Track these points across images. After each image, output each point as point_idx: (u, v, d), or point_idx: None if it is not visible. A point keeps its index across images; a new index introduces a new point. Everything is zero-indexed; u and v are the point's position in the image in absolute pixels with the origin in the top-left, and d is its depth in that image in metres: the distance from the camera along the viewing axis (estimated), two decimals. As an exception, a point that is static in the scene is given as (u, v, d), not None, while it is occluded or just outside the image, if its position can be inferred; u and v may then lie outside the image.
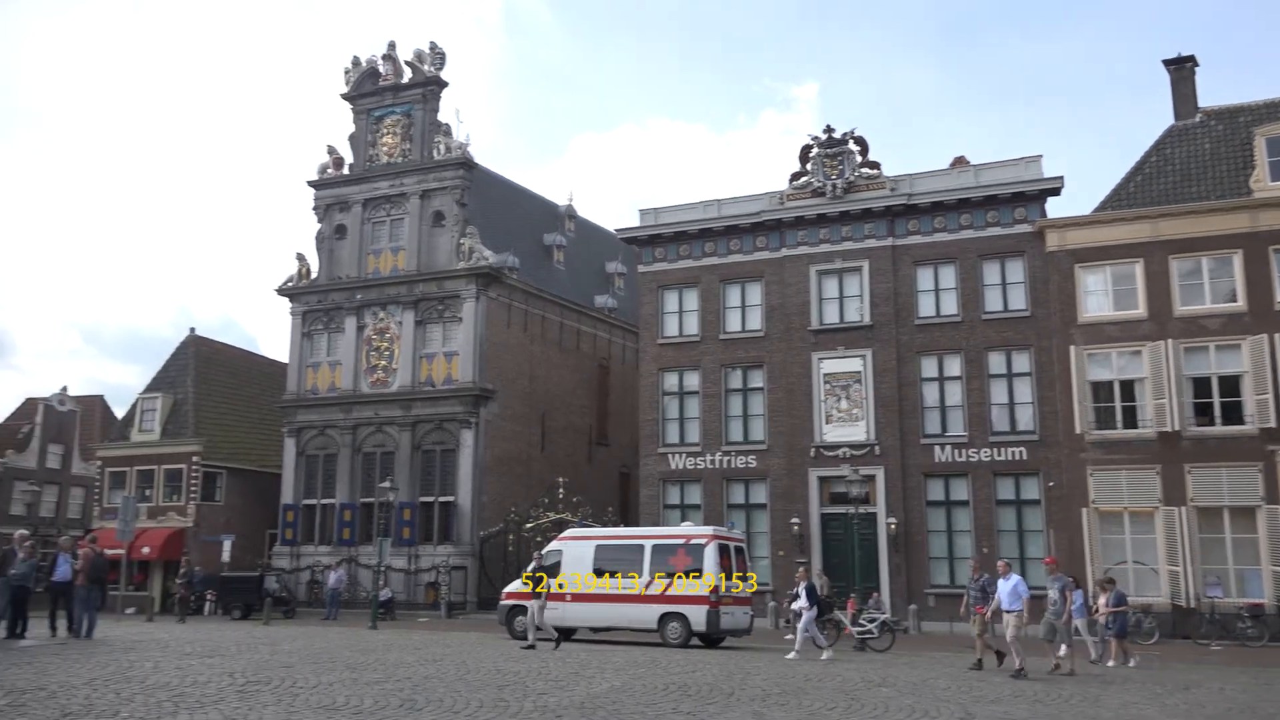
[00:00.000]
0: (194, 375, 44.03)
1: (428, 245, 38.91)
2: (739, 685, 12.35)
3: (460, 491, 36.42)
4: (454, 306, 37.87)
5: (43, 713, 8.53)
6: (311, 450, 39.40)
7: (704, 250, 32.50)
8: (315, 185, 41.30)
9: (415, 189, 39.38)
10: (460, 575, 35.14)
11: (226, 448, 42.74)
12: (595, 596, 21.35)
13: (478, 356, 37.13)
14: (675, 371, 32.43)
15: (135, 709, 8.85)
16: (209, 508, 41.33)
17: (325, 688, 10.77)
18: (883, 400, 29.48)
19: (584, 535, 23.72)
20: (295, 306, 40.70)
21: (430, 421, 37.37)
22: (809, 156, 31.65)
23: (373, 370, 38.89)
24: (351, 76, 41.52)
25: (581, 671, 13.49)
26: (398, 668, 13.25)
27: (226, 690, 10.31)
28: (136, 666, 12.45)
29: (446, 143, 39.37)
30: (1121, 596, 18.65)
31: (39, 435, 50.97)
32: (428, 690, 10.79)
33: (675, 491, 31.86)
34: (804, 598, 18.68)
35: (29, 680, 10.71)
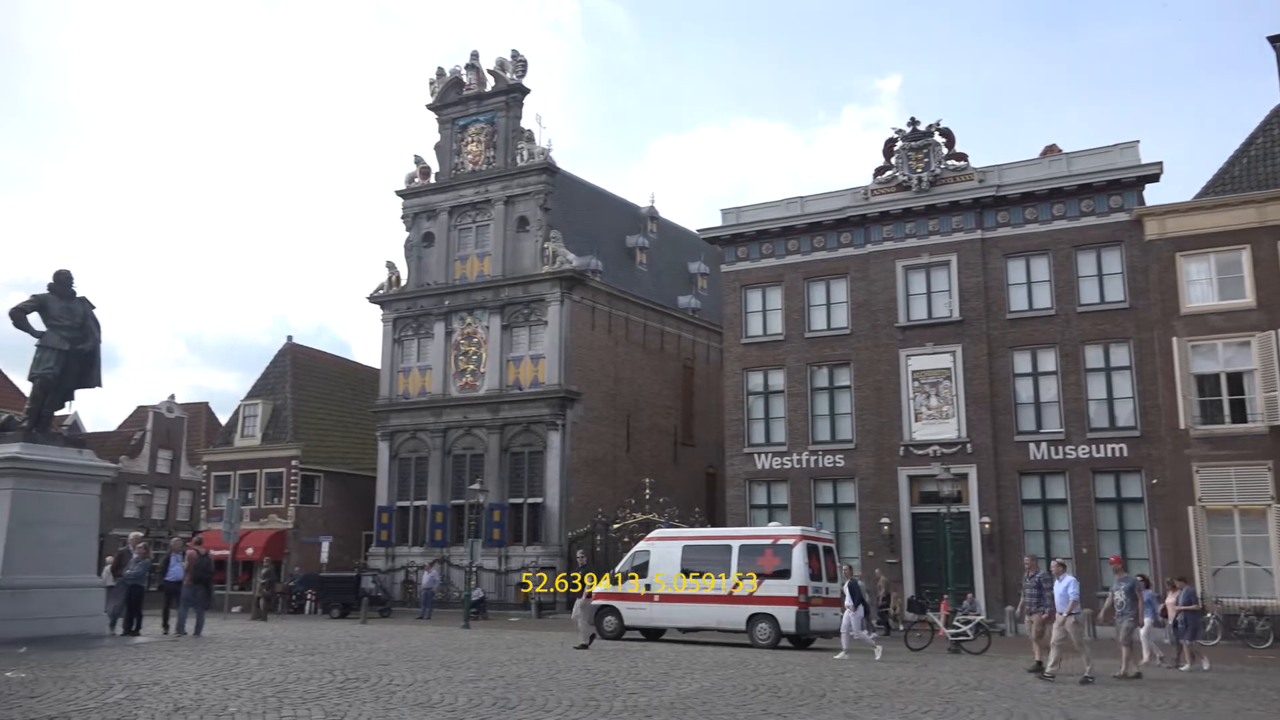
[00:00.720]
0: (292, 382, 45.51)
1: (512, 250, 39.48)
2: (830, 687, 12.23)
3: (548, 493, 36.84)
4: (539, 310, 38.34)
5: (157, 706, 8.93)
6: (404, 453, 40.34)
7: (787, 248, 32.25)
8: (403, 195, 42.29)
9: (500, 195, 40.00)
10: (550, 575, 35.52)
11: (324, 452, 44.05)
12: (683, 597, 21.38)
13: (563, 359, 37.51)
14: (760, 371, 32.25)
15: (243, 704, 9.19)
16: (308, 510, 42.67)
17: (421, 685, 11.02)
18: (974, 397, 28.82)
19: (671, 536, 23.77)
20: (386, 313, 41.73)
21: (518, 424, 37.90)
22: (893, 150, 31.15)
23: (461, 374, 39.62)
24: (436, 87, 42.38)
25: (671, 672, 13.52)
26: (490, 666, 13.48)
27: (327, 687, 10.63)
28: (243, 663, 12.93)
29: (529, 149, 39.89)
30: (1191, 595, 17.86)
31: (149, 441, 53.28)
32: (520, 689, 10.96)
33: (762, 492, 31.69)
34: (847, 597, 18.33)
35: (144, 675, 11.22)
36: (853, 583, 18.70)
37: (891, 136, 31.28)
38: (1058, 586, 15.12)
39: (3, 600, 15.17)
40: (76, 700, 9.25)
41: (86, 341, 17.39)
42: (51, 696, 9.47)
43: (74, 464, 16.92)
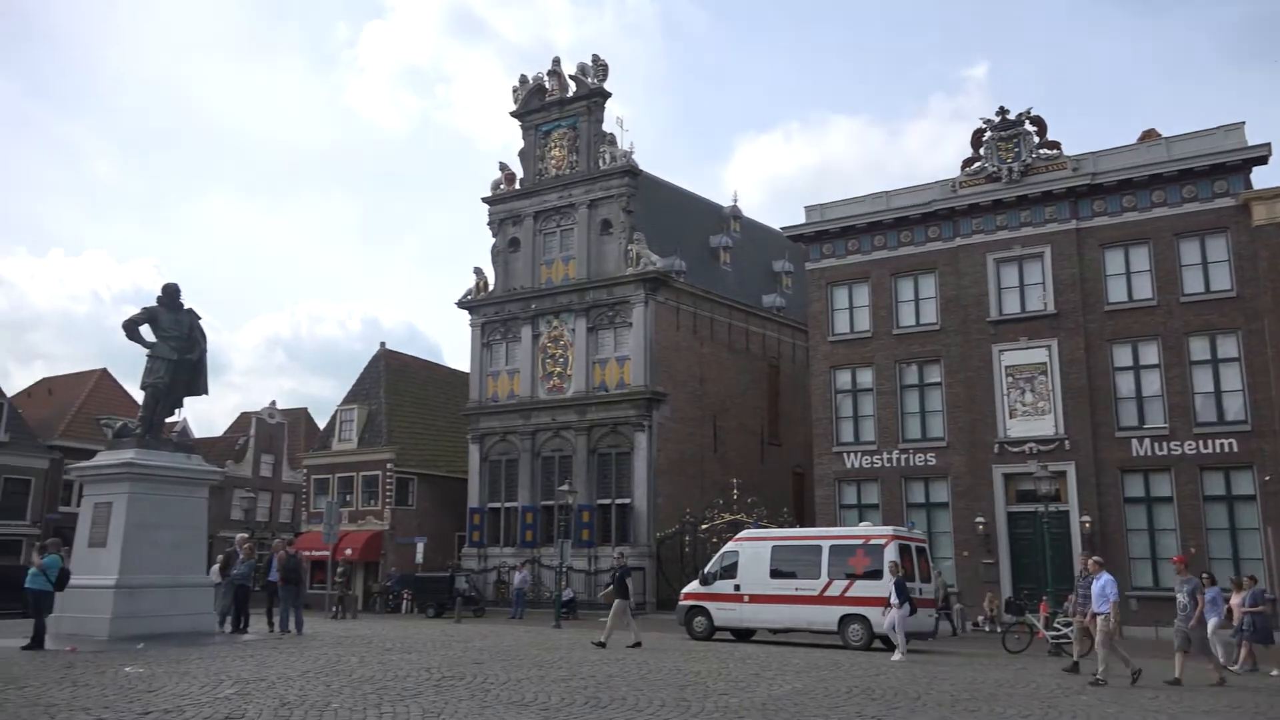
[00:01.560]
0: (385, 387, 46.69)
1: (597, 253, 39.79)
2: (925, 690, 12.02)
3: (636, 494, 37.02)
4: (624, 312, 38.56)
5: (264, 702, 9.29)
6: (494, 455, 41.01)
7: (873, 244, 31.78)
8: (489, 201, 43.02)
9: (583, 199, 40.36)
10: (639, 576, 35.68)
11: (417, 454, 45.08)
12: (773, 597, 21.26)
13: (648, 360, 37.65)
14: (847, 369, 31.84)
15: (344, 700, 9.49)
16: (403, 511, 43.72)
17: (514, 684, 11.21)
18: (1071, 392, 27.95)
19: (760, 536, 23.65)
20: (474, 318, 42.50)
21: (605, 425, 38.18)
22: (982, 140, 30.42)
23: (549, 377, 40.09)
24: (520, 94, 42.99)
25: (762, 673, 13.47)
26: (581, 666, 13.63)
27: (424, 684, 10.90)
28: (343, 660, 13.34)
29: (611, 152, 40.17)
30: (1260, 595, 16.90)
31: (253, 446, 55.30)
32: (611, 689, 11.06)
33: (851, 491, 31.28)
34: (894, 594, 17.83)
35: (251, 672, 11.68)
36: (899, 581, 18.18)
37: (980, 127, 30.55)
38: (1095, 585, 14.46)
39: (121, 599, 15.95)
40: (190, 695, 9.68)
41: (193, 351, 18.18)
42: (167, 691, 9.93)
43: (184, 468, 17.70)
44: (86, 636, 15.41)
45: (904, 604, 17.48)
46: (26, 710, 8.55)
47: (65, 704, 8.98)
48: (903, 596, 17.59)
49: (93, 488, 17.36)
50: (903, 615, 17.38)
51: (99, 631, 15.58)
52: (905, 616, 17.44)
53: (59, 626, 15.54)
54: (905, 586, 17.97)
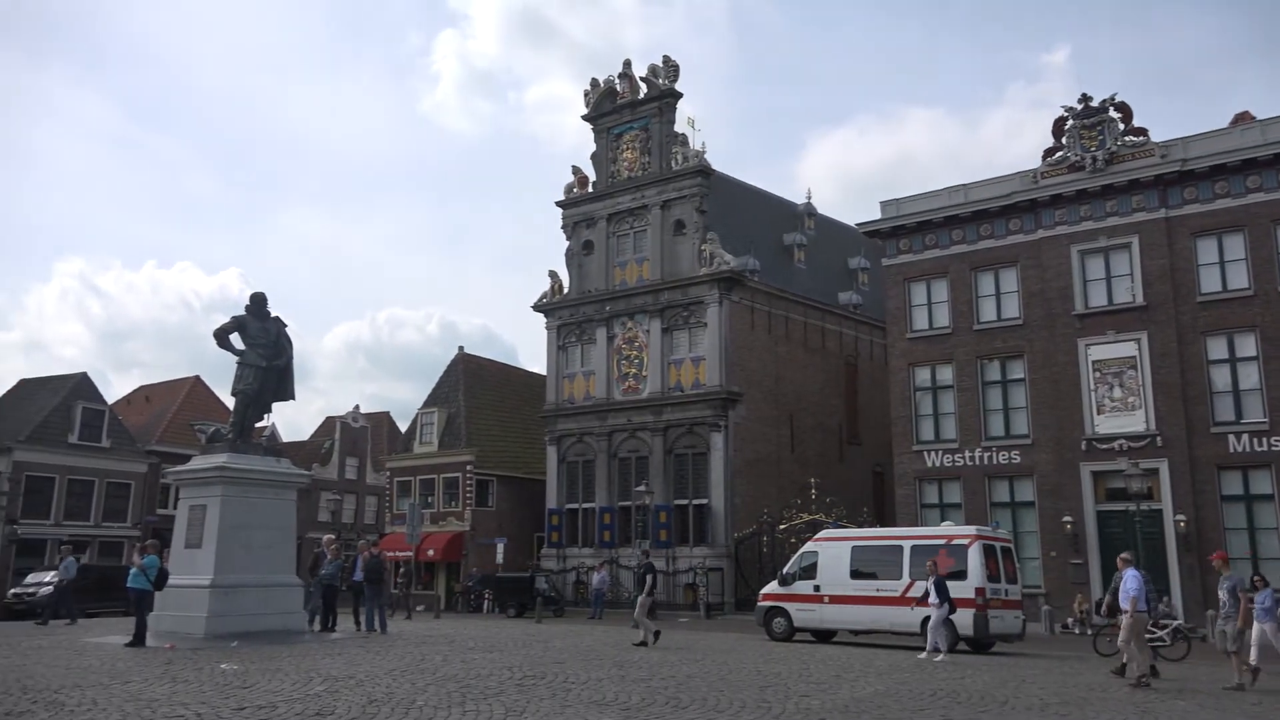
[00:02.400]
0: (464, 390, 47.44)
1: (670, 254, 39.82)
2: (1013, 694, 11.74)
3: (713, 494, 36.93)
4: (698, 312, 38.51)
5: (353, 699, 9.52)
6: (571, 457, 41.33)
7: (951, 238, 31.17)
8: (562, 205, 43.39)
9: (656, 200, 40.44)
10: (717, 576, 35.63)
11: (496, 456, 45.69)
12: (853, 598, 20.98)
13: (723, 360, 37.54)
14: (927, 366, 31.28)
15: (429, 698, 9.68)
16: (483, 513, 44.35)
17: (595, 684, 11.28)
18: (1163, 387, 27.00)
19: (839, 536, 23.37)
20: (550, 321, 42.90)
21: (681, 426, 38.17)
22: (1064, 129, 29.60)
23: (624, 378, 40.25)
24: (591, 98, 43.28)
25: (843, 674, 13.32)
26: (661, 666, 13.64)
27: (506, 683, 11.04)
28: (428, 659, 13.59)
29: (683, 152, 40.16)
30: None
31: (338, 449, 56.71)
32: (691, 689, 11.05)
33: (933, 490, 30.71)
34: (933, 594, 17.36)
35: (340, 670, 11.97)
36: (938, 580, 17.74)
37: (1061, 115, 29.73)
38: (1122, 583, 13.84)
39: (216, 598, 16.50)
40: (282, 691, 9.97)
41: (280, 358, 18.72)
42: (261, 687, 10.25)
43: (274, 472, 18.24)
44: (184, 634, 15.98)
45: (944, 603, 17.17)
46: (130, 705, 8.91)
47: (165, 699, 9.33)
48: (942, 596, 17.28)
49: (188, 491, 17.99)
50: (942, 615, 17.09)
51: (196, 629, 16.13)
52: (945, 616, 17.14)
53: (158, 624, 16.14)
54: (944, 586, 17.64)
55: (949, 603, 17.20)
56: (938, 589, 17.26)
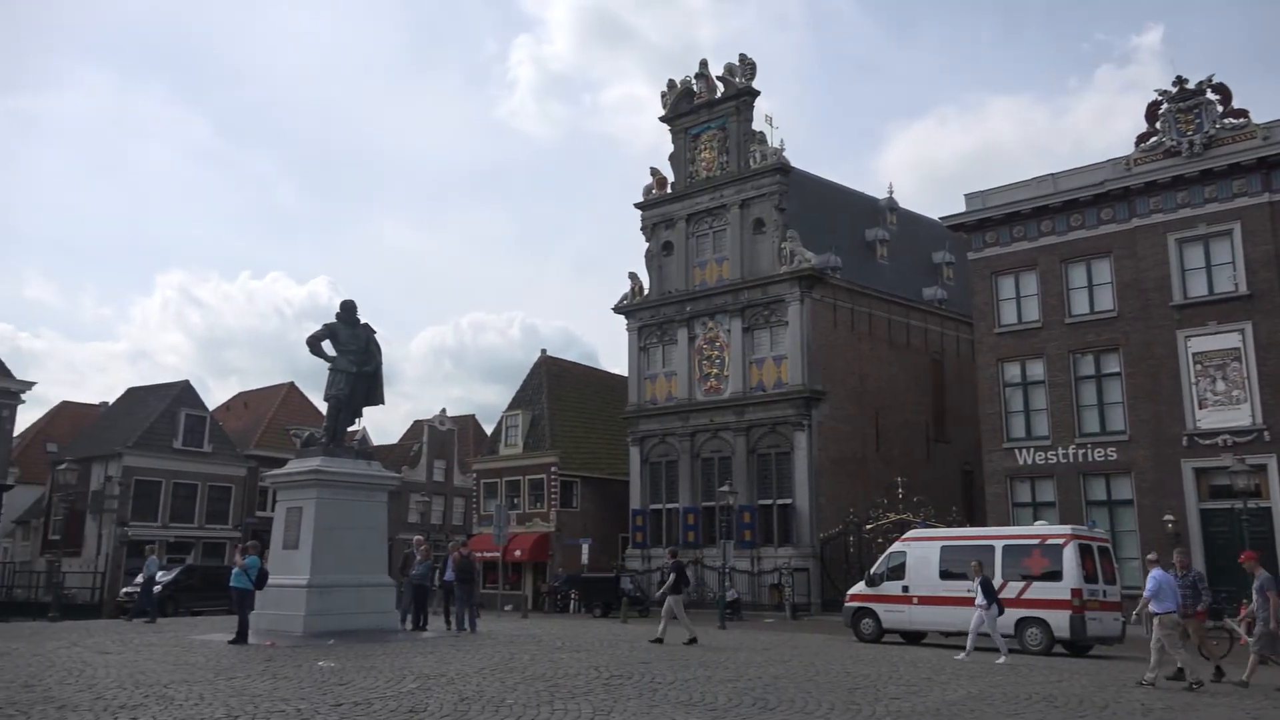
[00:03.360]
0: (547, 392, 47.97)
1: (750, 253, 39.62)
2: (1113, 698, 11.38)
3: (797, 493, 36.62)
4: (779, 311, 38.24)
5: (445, 697, 9.72)
6: (654, 458, 41.43)
7: (1040, 230, 30.31)
8: (641, 207, 43.54)
9: (734, 199, 40.29)
10: (802, 577, 35.30)
11: (579, 458, 46.07)
12: (943, 599, 20.56)
13: (805, 359, 37.20)
14: (1016, 361, 30.48)
15: (518, 697, 9.82)
16: (568, 513, 44.77)
17: (682, 684, 11.30)
18: (1270, 379, 25.80)
19: (928, 536, 22.94)
20: (631, 322, 43.08)
21: (763, 425, 37.95)
22: (1158, 113, 28.54)
23: (706, 378, 40.19)
24: (668, 99, 43.34)
25: (935, 677, 13.08)
26: (748, 667, 13.59)
27: (594, 683, 11.13)
28: (516, 658, 13.78)
29: (761, 150, 39.93)
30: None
31: (426, 452, 57.90)
32: (779, 690, 10.99)
33: (1025, 489, 29.91)
34: (980, 595, 16.82)
35: (432, 668, 12.24)
36: (984, 581, 17.25)
37: (1155, 99, 28.67)
38: (1150, 582, 13.39)
39: (313, 597, 17.01)
40: (377, 689, 10.24)
41: (370, 364, 19.21)
42: (357, 684, 10.54)
43: (365, 474, 18.72)
44: (283, 632, 16.52)
45: (991, 604, 16.77)
46: (234, 700, 9.26)
47: (267, 694, 9.67)
48: (989, 597, 16.85)
49: (285, 494, 18.58)
50: (990, 616, 16.69)
51: (294, 627, 16.65)
52: (994, 618, 16.74)
53: (259, 622, 16.70)
54: (991, 586, 17.23)
55: (996, 603, 16.88)
56: (984, 590, 16.94)
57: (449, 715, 8.68)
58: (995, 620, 16.69)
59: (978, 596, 16.98)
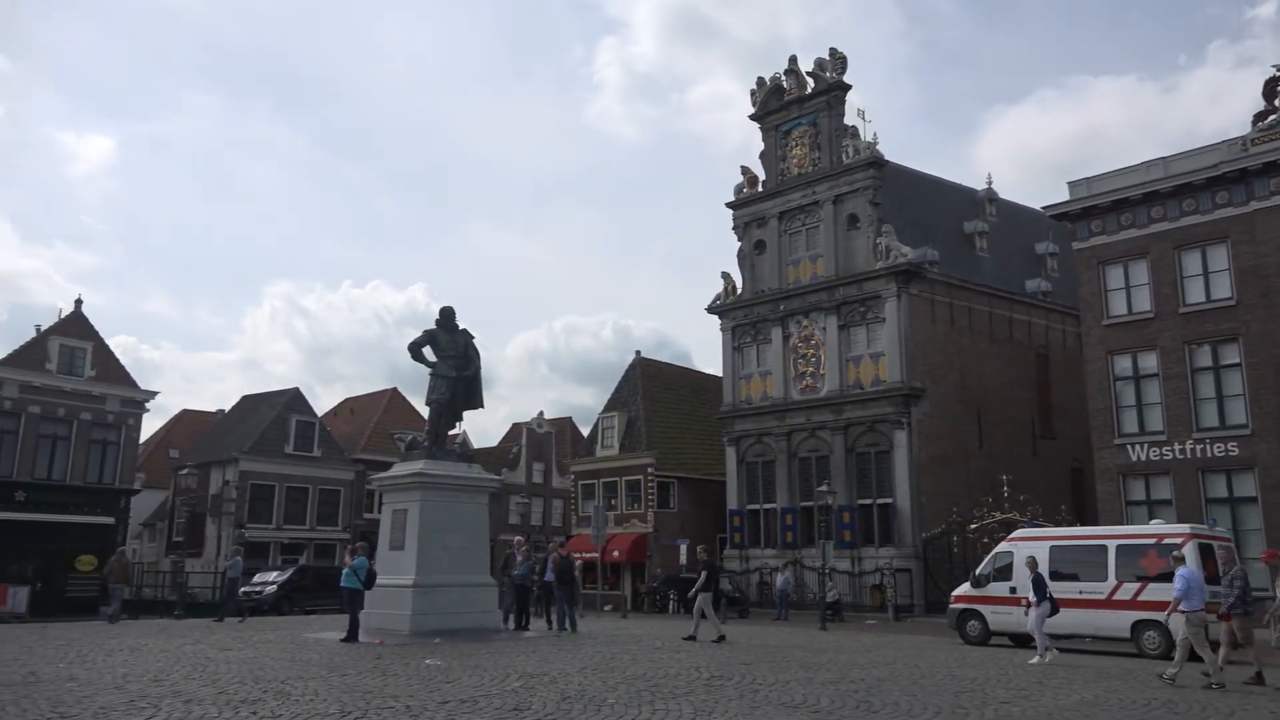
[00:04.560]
0: (642, 393, 48.19)
1: (844, 249, 39.09)
2: (1239, 705, 10.86)
3: (898, 493, 35.96)
4: (875, 307, 37.62)
5: (548, 695, 9.88)
6: (750, 458, 41.21)
7: (1149, 216, 29.08)
8: (733, 206, 43.38)
9: (827, 195, 39.80)
10: (904, 577, 34.65)
11: (675, 459, 46.15)
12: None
13: (904, 355, 36.51)
14: (1127, 354, 29.30)
15: (620, 696, 9.91)
16: (665, 514, 44.88)
17: (783, 686, 11.23)
18: None
19: (1036, 536, 22.25)
20: (724, 322, 42.95)
21: (861, 424, 37.38)
22: (1277, 90, 27.09)
23: (801, 377, 39.80)
24: (758, 97, 43.09)
25: (1046, 681, 12.70)
26: (850, 669, 13.42)
27: (695, 683, 11.15)
28: (617, 658, 13.90)
29: (854, 145, 39.37)
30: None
31: (524, 454, 58.81)
32: (882, 693, 10.83)
33: (1138, 486, 28.72)
34: (1032, 592, 16.24)
35: (534, 667, 12.44)
36: (1037, 577, 16.60)
37: (1274, 75, 27.24)
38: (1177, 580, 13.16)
39: (418, 597, 17.47)
40: (482, 687, 10.47)
41: (469, 368, 19.63)
42: (462, 682, 10.79)
43: (467, 477, 19.13)
44: (391, 630, 17.01)
45: (1043, 601, 16.20)
46: (347, 696, 9.59)
47: (377, 691, 9.98)
48: (1041, 594, 16.27)
49: (390, 496, 19.13)
50: (1042, 614, 16.12)
51: (401, 626, 17.13)
52: (1045, 615, 16.15)
53: (368, 621, 17.23)
54: (1044, 583, 16.62)
55: (1049, 601, 16.34)
56: (1036, 587, 16.44)
57: (552, 714, 8.82)
58: (1044, 618, 16.24)
59: (1030, 593, 16.61)
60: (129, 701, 9.05)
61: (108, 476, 40.48)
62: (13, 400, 38.17)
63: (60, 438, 39.36)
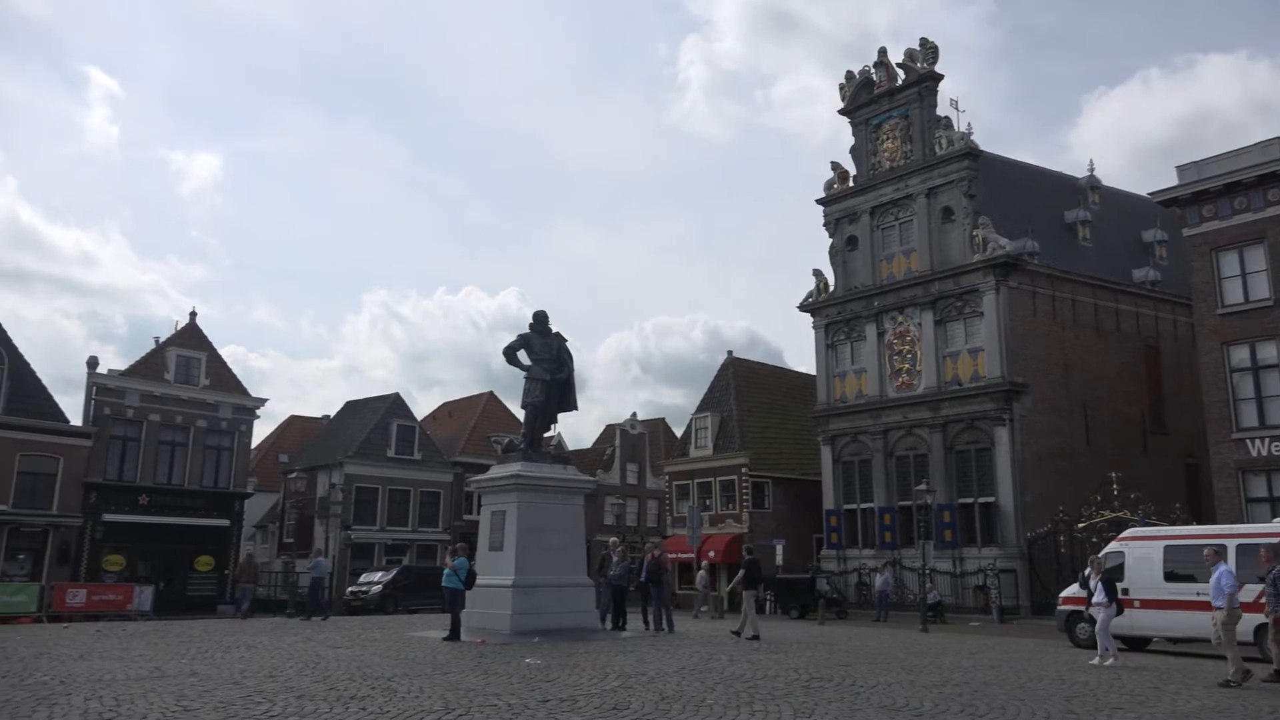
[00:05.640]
0: (735, 393, 48.01)
1: (939, 243, 38.26)
2: (1374, 713, 10.25)
3: (1000, 491, 35.01)
4: (973, 301, 36.71)
5: (646, 695, 9.93)
6: (846, 457, 40.65)
7: (1266, 199, 27.65)
8: (823, 202, 42.87)
9: (920, 189, 39.02)
10: (1009, 578, 33.71)
11: (770, 458, 45.82)
12: (1169, 603, 19.11)
13: (1004, 350, 35.52)
14: (1244, 344, 27.93)
15: (718, 697, 9.90)
16: (760, 514, 44.61)
17: (884, 688, 11.06)
18: None
19: (1149, 535, 21.38)
20: (817, 320, 42.47)
21: (960, 421, 36.51)
22: (1407, 61, 25.47)
23: (897, 374, 39.10)
24: (847, 91, 42.49)
25: (1162, 686, 12.21)
26: (954, 672, 13.14)
27: (794, 685, 11.07)
28: (714, 659, 13.89)
29: (947, 136, 38.50)
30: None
31: (618, 456, 59.16)
32: (988, 697, 10.57)
33: (1259, 483, 27.33)
34: (1100, 593, 15.46)
35: (632, 667, 12.52)
36: (1105, 578, 15.84)
37: (1403, 45, 25.61)
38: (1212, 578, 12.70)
39: (518, 597, 17.75)
40: (581, 686, 10.59)
41: (562, 371, 19.88)
42: (562, 681, 10.94)
43: (562, 478, 19.37)
44: (492, 630, 17.33)
45: (1111, 603, 15.52)
46: (451, 694, 9.82)
47: (480, 689, 10.20)
48: (1110, 595, 15.58)
49: (489, 498, 19.49)
50: (1109, 616, 15.46)
51: (501, 626, 17.44)
52: (1112, 617, 15.51)
53: (469, 620, 17.59)
54: (1113, 584, 15.93)
55: (1116, 603, 15.71)
56: (1105, 588, 15.81)
57: (650, 714, 8.86)
58: (1110, 620, 15.66)
59: (1097, 594, 16.03)
60: (245, 696, 9.45)
61: (222, 481, 42.27)
62: (135, 409, 40.17)
63: (178, 444, 41.26)
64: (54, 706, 8.77)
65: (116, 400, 39.83)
